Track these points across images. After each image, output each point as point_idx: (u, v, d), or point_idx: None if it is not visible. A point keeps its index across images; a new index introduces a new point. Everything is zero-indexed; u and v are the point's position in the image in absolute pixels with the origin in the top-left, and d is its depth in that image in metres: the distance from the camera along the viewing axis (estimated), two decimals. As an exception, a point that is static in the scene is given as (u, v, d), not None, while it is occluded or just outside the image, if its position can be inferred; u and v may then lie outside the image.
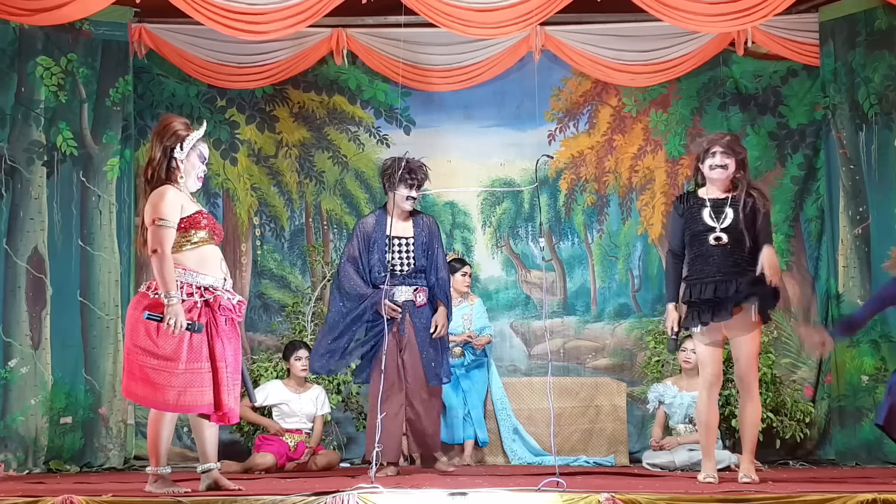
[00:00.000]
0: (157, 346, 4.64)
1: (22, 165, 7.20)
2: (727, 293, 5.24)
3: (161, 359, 4.64)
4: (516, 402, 7.63)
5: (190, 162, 4.85)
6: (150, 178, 4.83)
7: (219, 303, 4.79)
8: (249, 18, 6.82)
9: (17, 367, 7.05)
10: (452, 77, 8.08)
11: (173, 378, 4.64)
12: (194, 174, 4.89)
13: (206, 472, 4.91)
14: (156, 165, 4.81)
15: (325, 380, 7.49)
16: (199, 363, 4.69)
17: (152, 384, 4.65)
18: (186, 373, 4.66)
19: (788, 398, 7.53)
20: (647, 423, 7.82)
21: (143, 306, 4.70)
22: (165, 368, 4.64)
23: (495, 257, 8.51)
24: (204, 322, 4.73)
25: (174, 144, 4.82)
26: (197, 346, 4.70)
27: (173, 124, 4.85)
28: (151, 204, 4.74)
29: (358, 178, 8.51)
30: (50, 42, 7.31)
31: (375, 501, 4.35)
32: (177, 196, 4.78)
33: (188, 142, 4.83)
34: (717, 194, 5.40)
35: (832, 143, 7.62)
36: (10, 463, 6.87)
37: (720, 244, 5.29)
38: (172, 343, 4.65)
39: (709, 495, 4.43)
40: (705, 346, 5.39)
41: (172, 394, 4.65)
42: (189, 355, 4.67)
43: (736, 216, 5.30)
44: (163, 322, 4.62)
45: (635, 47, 7.96)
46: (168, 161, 4.82)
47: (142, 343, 4.66)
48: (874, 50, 7.33)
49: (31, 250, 7.18)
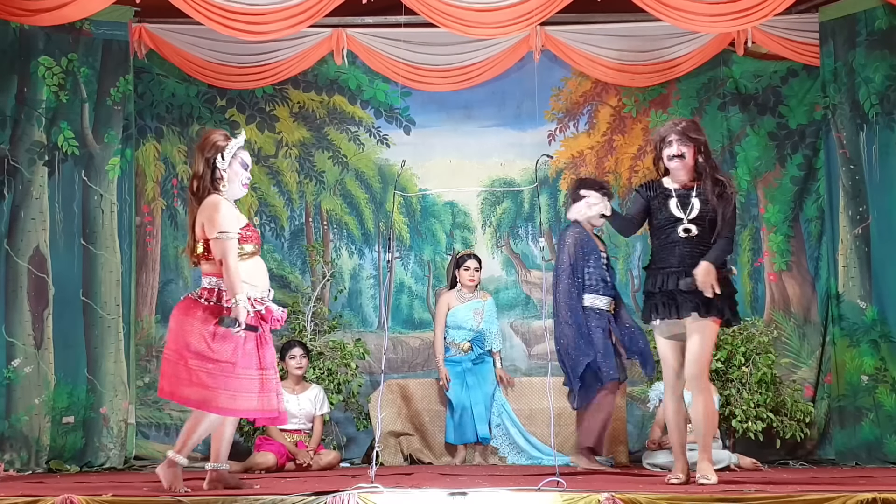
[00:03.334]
0: (213, 352, 4.84)
1: (23, 165, 7.20)
2: (683, 286, 5.10)
3: (217, 363, 4.84)
4: (516, 402, 7.64)
5: (233, 170, 5.05)
6: (196, 190, 5.03)
7: (269, 312, 4.99)
8: (249, 18, 6.82)
9: (20, 367, 7.06)
10: (452, 77, 8.07)
11: (230, 382, 4.85)
12: (238, 181, 5.08)
13: (215, 471, 5.05)
14: (200, 177, 5.02)
15: (325, 380, 7.50)
16: (251, 369, 4.92)
17: (207, 387, 4.84)
18: (242, 378, 4.88)
19: (788, 398, 7.53)
20: (647, 423, 7.82)
21: (199, 316, 4.88)
22: (222, 373, 4.84)
23: (495, 257, 8.52)
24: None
25: (215, 156, 5.01)
26: (250, 352, 4.92)
27: (212, 136, 5.07)
28: (208, 218, 4.94)
29: (358, 178, 8.52)
30: (51, 42, 7.31)
31: (375, 501, 4.36)
32: (229, 207, 5.01)
33: (228, 151, 5.03)
34: (682, 184, 5.27)
35: (832, 143, 7.61)
36: (13, 462, 6.88)
37: (689, 236, 5.17)
38: (228, 349, 4.85)
39: (709, 495, 4.43)
40: (665, 340, 5.26)
41: (226, 397, 4.85)
42: (243, 361, 4.89)
43: (703, 206, 5.18)
44: (235, 326, 4.81)
45: (635, 47, 7.96)
46: (212, 172, 5.01)
47: (196, 348, 4.85)
48: (875, 50, 7.33)
49: (32, 250, 7.18)
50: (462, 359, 7.58)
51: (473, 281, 7.67)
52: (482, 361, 7.61)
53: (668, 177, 5.34)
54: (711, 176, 5.22)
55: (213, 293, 4.95)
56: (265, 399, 4.97)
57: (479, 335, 7.62)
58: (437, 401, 7.65)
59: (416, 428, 7.66)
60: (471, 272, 7.65)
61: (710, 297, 5.08)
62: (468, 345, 7.57)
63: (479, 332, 7.61)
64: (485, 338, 7.66)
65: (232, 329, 4.82)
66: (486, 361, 7.64)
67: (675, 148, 5.23)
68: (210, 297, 4.93)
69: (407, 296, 8.48)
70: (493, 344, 7.74)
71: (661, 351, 5.32)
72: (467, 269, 7.64)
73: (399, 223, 8.49)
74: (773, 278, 8.23)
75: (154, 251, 8.27)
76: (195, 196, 5.04)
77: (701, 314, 5.13)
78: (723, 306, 5.18)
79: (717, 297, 5.11)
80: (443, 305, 7.73)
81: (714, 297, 5.10)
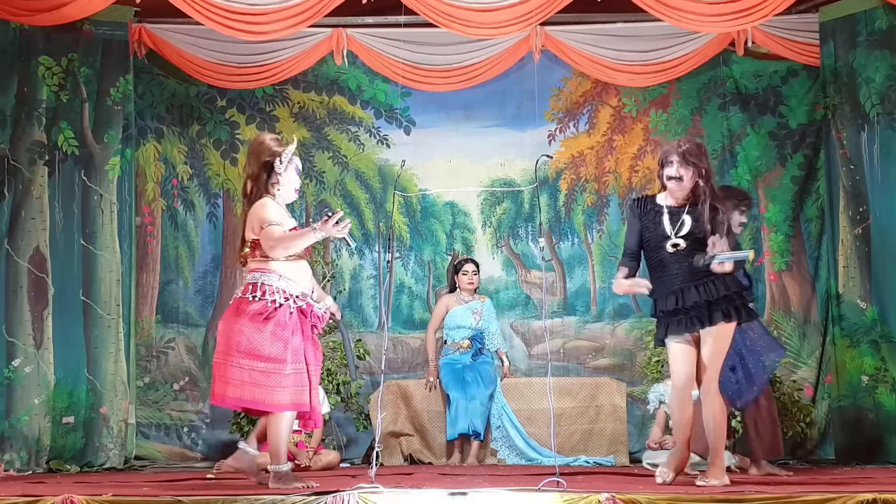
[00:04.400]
0: (262, 349, 4.89)
1: (23, 165, 7.20)
2: (690, 301, 5.08)
3: (268, 360, 4.89)
4: (516, 403, 7.65)
5: (288, 175, 5.13)
6: (250, 192, 5.12)
7: (311, 310, 5.04)
8: (249, 18, 6.82)
9: (20, 367, 7.05)
10: (452, 77, 8.07)
11: (283, 379, 4.89)
12: (291, 187, 5.17)
13: (277, 471, 5.03)
14: (256, 180, 5.10)
15: (325, 380, 7.50)
16: (300, 364, 4.96)
17: (263, 387, 4.88)
18: (294, 373, 4.93)
19: (788, 398, 7.53)
20: (647, 423, 7.82)
21: (248, 313, 4.92)
22: (275, 370, 4.89)
23: (495, 257, 8.52)
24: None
25: (272, 160, 5.09)
26: (297, 348, 4.96)
27: (268, 141, 5.14)
28: (255, 216, 5.03)
29: (358, 178, 8.51)
30: (51, 42, 7.31)
31: (375, 501, 4.36)
32: (278, 208, 5.08)
33: (285, 156, 5.10)
34: (677, 202, 5.21)
35: (832, 143, 7.61)
36: (13, 462, 6.88)
37: (677, 251, 5.12)
38: (278, 346, 4.90)
39: (709, 495, 4.44)
40: (675, 344, 5.19)
41: (285, 394, 4.89)
42: (293, 357, 4.93)
43: (694, 225, 5.12)
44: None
45: (635, 47, 7.96)
46: (268, 176, 5.09)
47: (246, 347, 4.90)
48: (875, 50, 7.32)
49: (32, 250, 7.17)
50: (460, 357, 7.61)
51: (472, 285, 7.77)
52: (481, 361, 7.63)
53: (664, 192, 5.30)
54: (710, 202, 5.15)
55: (257, 287, 4.99)
56: (314, 395, 5.03)
57: (477, 333, 7.68)
58: (436, 401, 7.67)
59: (415, 428, 7.67)
60: (469, 276, 7.75)
61: (729, 270, 5.02)
62: (468, 342, 7.63)
63: (477, 330, 7.68)
64: (484, 336, 7.71)
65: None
66: (486, 362, 7.66)
67: (675, 169, 5.17)
68: (255, 292, 4.97)
69: (407, 296, 8.48)
70: (496, 343, 7.77)
71: (673, 355, 5.23)
72: (465, 273, 7.76)
73: (399, 223, 8.49)
74: (773, 278, 8.23)
75: (154, 251, 8.27)
76: (247, 198, 5.13)
77: (724, 320, 5.11)
78: (739, 308, 5.17)
79: (732, 301, 5.11)
80: (441, 307, 7.83)
81: (731, 301, 5.10)
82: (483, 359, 7.66)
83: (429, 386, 7.67)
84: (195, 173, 8.38)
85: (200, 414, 8.15)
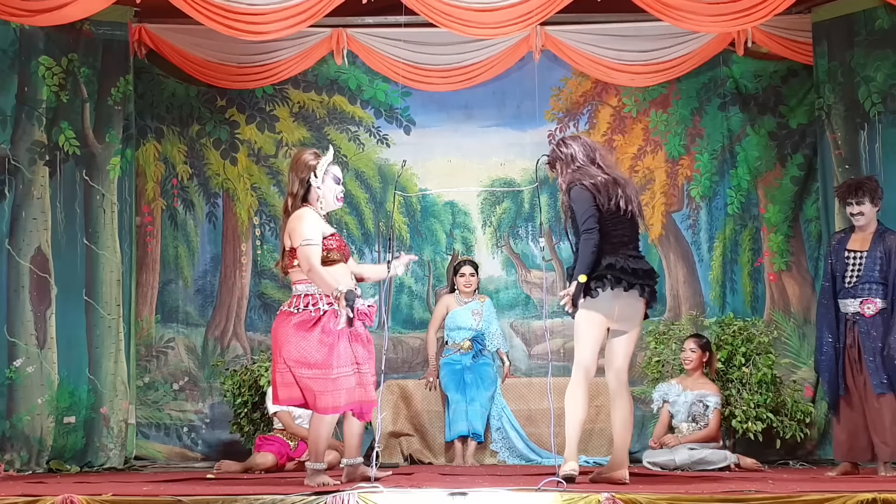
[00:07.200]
0: (308, 356, 5.08)
1: (24, 165, 7.20)
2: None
3: (314, 367, 5.07)
4: (516, 403, 7.65)
5: (326, 186, 5.30)
6: (291, 207, 5.28)
7: (355, 308, 5.15)
8: (249, 18, 6.81)
9: (22, 367, 7.06)
10: (452, 77, 8.07)
11: (328, 383, 5.07)
12: (332, 196, 5.34)
13: (350, 466, 5.27)
14: (294, 196, 5.27)
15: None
16: (347, 367, 5.12)
17: (312, 392, 5.09)
18: (340, 377, 5.09)
19: (788, 398, 7.53)
20: (647, 422, 7.82)
21: (292, 324, 5.12)
22: (322, 376, 5.07)
23: (495, 257, 8.52)
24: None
25: (308, 175, 5.26)
26: (343, 351, 5.11)
27: (304, 156, 5.32)
28: (292, 229, 5.19)
29: (358, 178, 8.51)
30: (51, 42, 7.31)
31: (375, 501, 4.36)
32: (315, 218, 5.23)
33: (321, 168, 5.26)
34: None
35: (826, 145, 7.59)
36: (13, 462, 6.88)
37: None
38: (322, 352, 5.08)
39: (709, 495, 4.44)
40: (592, 315, 5.27)
41: (330, 398, 5.07)
42: (338, 361, 5.09)
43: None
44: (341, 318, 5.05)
45: (635, 47, 7.95)
46: (305, 191, 5.27)
47: (294, 356, 5.09)
48: (876, 49, 7.30)
49: (34, 250, 7.17)
50: (461, 357, 7.61)
51: (470, 286, 7.77)
52: (482, 362, 7.64)
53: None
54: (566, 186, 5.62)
55: (301, 299, 5.18)
56: (363, 392, 5.19)
57: (478, 334, 7.67)
58: (436, 401, 7.67)
59: (415, 428, 7.68)
60: (466, 278, 7.76)
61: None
62: (468, 343, 7.62)
63: (478, 331, 7.67)
64: (484, 337, 7.71)
65: (339, 326, 5.05)
66: (486, 363, 7.66)
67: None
68: (299, 305, 5.17)
69: (407, 296, 8.48)
70: (496, 344, 7.77)
71: (582, 330, 5.36)
72: (462, 275, 7.79)
73: (399, 223, 8.49)
74: (773, 278, 8.23)
75: (154, 251, 8.27)
76: (286, 214, 5.28)
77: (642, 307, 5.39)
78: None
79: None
80: (441, 307, 7.85)
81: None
82: (483, 360, 7.67)
83: (429, 386, 7.68)
84: (195, 173, 8.39)
85: (200, 414, 8.16)
